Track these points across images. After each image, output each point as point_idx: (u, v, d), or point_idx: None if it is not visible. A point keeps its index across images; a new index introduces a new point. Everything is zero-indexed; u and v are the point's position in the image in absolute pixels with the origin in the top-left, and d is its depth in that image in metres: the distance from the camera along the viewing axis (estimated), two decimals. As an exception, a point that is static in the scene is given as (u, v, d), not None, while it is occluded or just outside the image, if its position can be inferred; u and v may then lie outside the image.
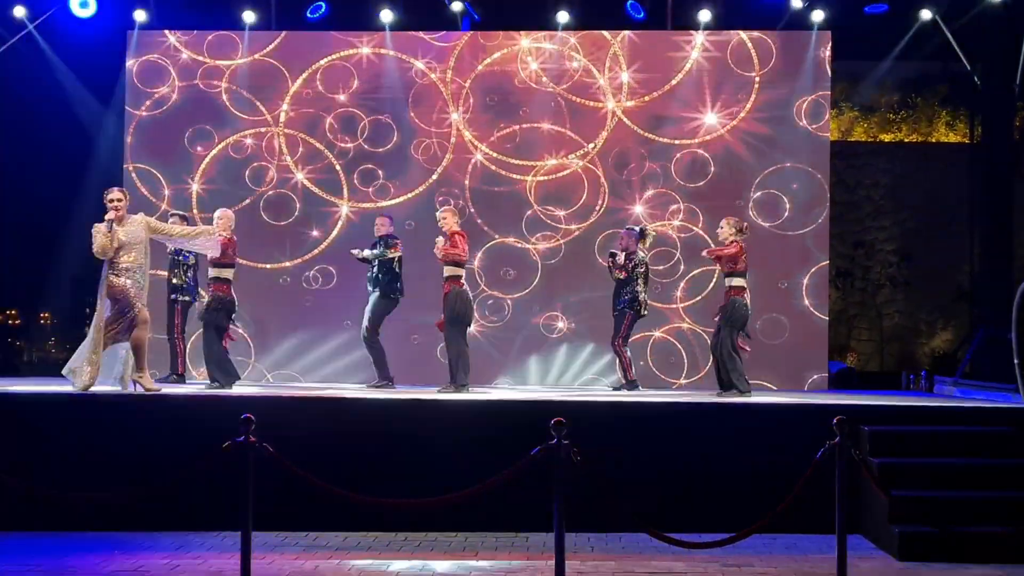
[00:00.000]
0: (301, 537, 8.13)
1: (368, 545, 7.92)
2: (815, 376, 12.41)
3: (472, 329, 11.05)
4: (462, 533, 8.22)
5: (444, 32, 12.92)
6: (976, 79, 13.58)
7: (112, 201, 9.32)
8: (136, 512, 8.10)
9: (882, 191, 15.89)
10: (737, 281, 10.19)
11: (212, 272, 10.31)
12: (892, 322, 15.72)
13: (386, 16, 12.72)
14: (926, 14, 12.62)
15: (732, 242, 10.25)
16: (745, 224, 10.56)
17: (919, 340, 15.72)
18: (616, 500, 6.67)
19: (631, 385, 10.93)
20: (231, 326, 10.58)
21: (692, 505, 8.34)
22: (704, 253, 10.78)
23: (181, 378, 11.30)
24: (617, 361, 11.19)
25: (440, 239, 10.30)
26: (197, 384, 11.15)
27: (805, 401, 9.64)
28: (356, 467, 8.28)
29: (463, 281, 10.33)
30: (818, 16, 12.55)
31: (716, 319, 10.37)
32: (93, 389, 9.13)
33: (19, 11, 12.69)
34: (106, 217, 9.28)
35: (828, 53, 12.68)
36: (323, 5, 12.93)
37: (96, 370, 9.25)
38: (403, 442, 8.53)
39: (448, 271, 10.27)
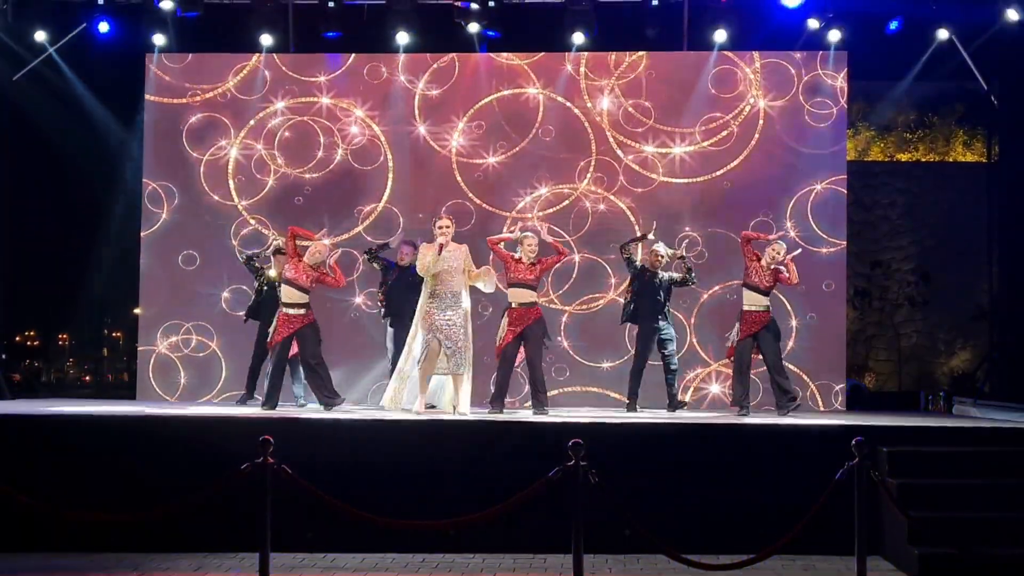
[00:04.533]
0: (319, 558, 8.14)
1: (385, 566, 7.92)
2: (833, 396, 12.36)
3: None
4: (480, 554, 8.21)
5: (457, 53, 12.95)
6: (993, 98, 13.54)
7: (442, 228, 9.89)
8: (155, 533, 8.13)
9: (899, 210, 15.85)
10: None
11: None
12: (910, 342, 15.66)
13: (401, 38, 12.78)
14: (943, 33, 12.61)
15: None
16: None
17: (937, 360, 15.64)
18: (634, 521, 6.65)
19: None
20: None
21: (710, 526, 8.30)
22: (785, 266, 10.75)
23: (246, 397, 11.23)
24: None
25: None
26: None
27: (823, 422, 9.60)
28: (373, 488, 8.28)
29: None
30: (835, 36, 12.55)
31: (748, 336, 10.53)
32: (105, 410, 9.16)
33: (40, 35, 12.83)
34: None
35: (845, 73, 12.68)
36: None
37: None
38: (421, 463, 8.54)
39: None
